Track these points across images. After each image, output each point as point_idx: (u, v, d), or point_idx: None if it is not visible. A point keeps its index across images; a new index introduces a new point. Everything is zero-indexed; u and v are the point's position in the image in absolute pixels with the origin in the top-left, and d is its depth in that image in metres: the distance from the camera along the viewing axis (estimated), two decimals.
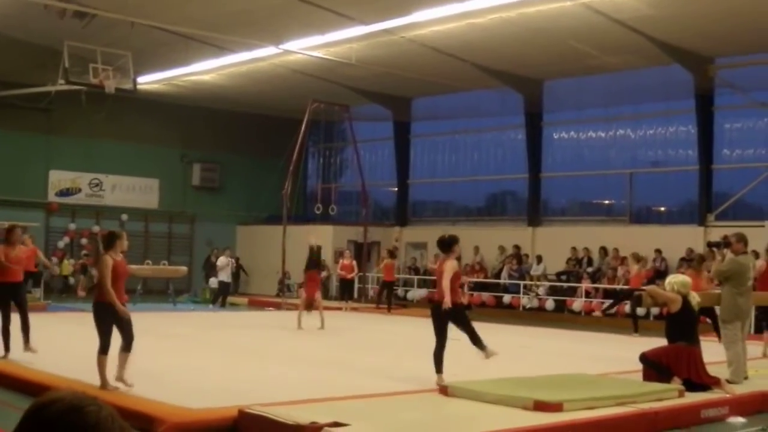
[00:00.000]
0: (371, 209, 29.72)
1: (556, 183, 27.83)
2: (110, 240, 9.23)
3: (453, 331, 10.13)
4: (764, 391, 9.97)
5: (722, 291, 10.87)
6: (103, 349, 8.90)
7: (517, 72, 25.70)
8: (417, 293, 27.52)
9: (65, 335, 14.76)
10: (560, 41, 21.78)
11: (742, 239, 11.10)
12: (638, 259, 20.48)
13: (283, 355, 13.23)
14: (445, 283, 9.86)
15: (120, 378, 8.91)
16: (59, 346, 12.92)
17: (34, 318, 11.65)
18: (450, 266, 10.05)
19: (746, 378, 10.67)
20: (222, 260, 24.69)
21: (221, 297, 24.95)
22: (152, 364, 8.98)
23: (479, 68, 24.86)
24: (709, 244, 17.16)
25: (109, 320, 8.98)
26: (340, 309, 23.48)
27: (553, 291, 24.89)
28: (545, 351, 14.26)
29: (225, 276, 24.81)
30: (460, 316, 10.22)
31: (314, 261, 18.52)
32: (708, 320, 15.15)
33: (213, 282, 26.86)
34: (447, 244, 10.26)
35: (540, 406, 8.02)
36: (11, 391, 9.53)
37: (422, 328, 19.87)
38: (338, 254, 26.42)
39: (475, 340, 10.29)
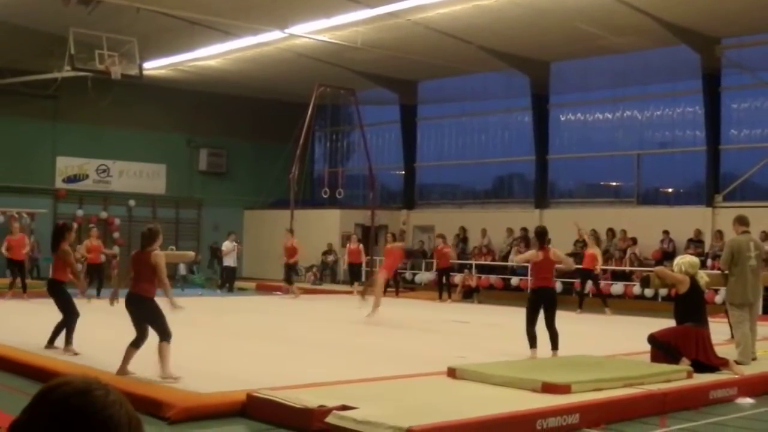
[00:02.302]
0: (378, 193, 29.69)
1: (563, 165, 27.78)
2: (155, 236, 9.25)
3: (459, 314, 10.13)
4: None
5: (729, 273, 10.87)
6: (168, 336, 8.91)
7: (524, 54, 25.60)
8: (425, 276, 27.51)
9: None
10: (566, 22, 21.68)
11: (738, 219, 11.20)
12: (597, 241, 21.17)
13: (291, 339, 13.25)
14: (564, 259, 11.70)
15: (126, 367, 8.96)
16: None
17: (34, 303, 11.59)
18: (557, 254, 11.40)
19: (755, 359, 10.67)
20: (227, 245, 24.62)
21: (229, 282, 24.98)
22: None
23: (485, 50, 24.76)
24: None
25: (159, 309, 9.06)
26: (349, 293, 23.51)
27: (560, 273, 24.83)
28: None
29: (231, 261, 24.81)
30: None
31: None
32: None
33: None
34: (543, 234, 11.27)
35: (548, 388, 8.03)
36: (23, 377, 9.58)
37: (430, 310, 19.96)
38: (345, 238, 26.42)
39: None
